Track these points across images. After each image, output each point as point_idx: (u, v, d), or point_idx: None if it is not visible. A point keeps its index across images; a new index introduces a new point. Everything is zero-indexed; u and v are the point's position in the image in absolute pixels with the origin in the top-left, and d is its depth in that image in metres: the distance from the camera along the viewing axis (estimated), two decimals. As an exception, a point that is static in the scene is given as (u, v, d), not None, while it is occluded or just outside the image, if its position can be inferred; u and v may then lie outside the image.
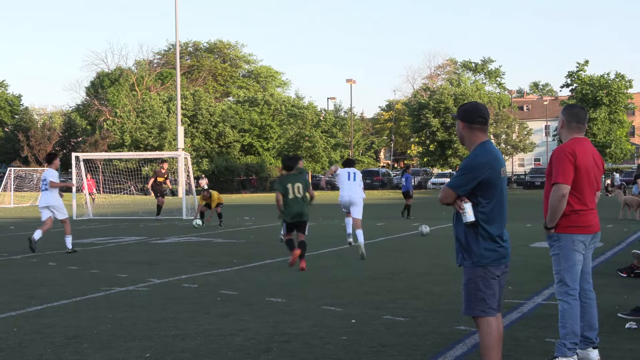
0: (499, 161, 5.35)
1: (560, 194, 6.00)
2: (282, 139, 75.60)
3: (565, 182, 6.00)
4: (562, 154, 6.08)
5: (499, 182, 5.33)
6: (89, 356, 6.65)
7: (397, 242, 17.50)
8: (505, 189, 5.47)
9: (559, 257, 6.13)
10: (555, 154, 6.14)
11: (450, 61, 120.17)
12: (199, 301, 9.39)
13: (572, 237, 6.08)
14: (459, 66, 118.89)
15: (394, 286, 10.49)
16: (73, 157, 31.02)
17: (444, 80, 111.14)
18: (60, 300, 9.60)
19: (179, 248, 16.87)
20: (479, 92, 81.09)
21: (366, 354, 6.60)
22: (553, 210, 6.05)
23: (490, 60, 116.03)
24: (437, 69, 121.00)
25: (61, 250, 16.21)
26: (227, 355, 6.64)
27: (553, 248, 6.19)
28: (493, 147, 5.42)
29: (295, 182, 12.82)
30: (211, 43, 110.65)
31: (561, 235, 6.10)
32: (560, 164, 6.05)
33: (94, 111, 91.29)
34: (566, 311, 6.03)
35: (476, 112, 5.44)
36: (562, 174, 6.01)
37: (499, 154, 5.42)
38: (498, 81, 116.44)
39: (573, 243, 6.08)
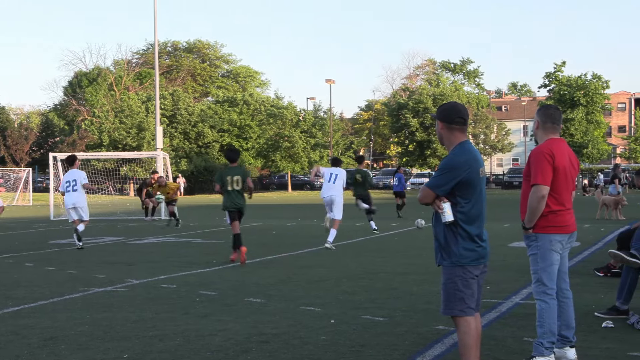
0: (477, 161, 5.37)
1: (540, 195, 6.04)
2: (261, 139, 75.45)
3: (544, 183, 6.03)
4: (541, 155, 6.11)
5: (477, 182, 5.35)
6: (66, 357, 6.61)
7: (376, 242, 17.53)
8: (484, 189, 5.50)
9: (537, 257, 6.17)
10: (533, 155, 6.17)
11: (429, 61, 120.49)
12: (177, 301, 9.36)
13: (549, 237, 6.12)
14: (437, 66, 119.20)
15: (373, 286, 10.50)
16: (51, 157, 30.82)
17: (423, 81, 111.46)
18: (37, 301, 9.53)
19: (157, 248, 16.80)
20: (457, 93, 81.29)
21: (345, 353, 6.61)
22: (532, 210, 6.09)
23: (469, 61, 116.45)
24: (416, 69, 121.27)
25: (39, 251, 16.10)
26: (205, 355, 6.62)
27: (531, 248, 6.22)
28: (472, 147, 5.44)
29: (234, 175, 13.60)
30: (190, 43, 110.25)
31: (539, 235, 6.14)
32: (538, 165, 6.08)
33: (71, 111, 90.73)
34: (544, 310, 6.07)
35: (455, 112, 5.46)
36: (541, 175, 6.04)
37: (477, 154, 5.45)
38: (477, 82, 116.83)
39: (551, 243, 6.11)
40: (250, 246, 16.71)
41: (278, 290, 10.19)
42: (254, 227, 23.20)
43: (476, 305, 5.39)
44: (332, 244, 15.61)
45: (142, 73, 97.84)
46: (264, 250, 15.80)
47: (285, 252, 15.25)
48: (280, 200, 51.36)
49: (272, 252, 15.23)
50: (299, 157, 70.32)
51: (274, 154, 70.77)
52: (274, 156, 70.76)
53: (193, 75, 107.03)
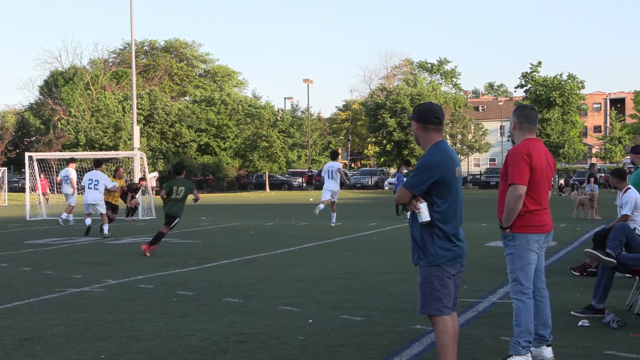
0: (453, 161, 5.43)
1: (517, 195, 6.07)
2: (239, 138, 75.27)
3: (521, 182, 6.07)
4: (518, 155, 6.15)
5: (454, 182, 5.40)
6: (42, 358, 6.56)
7: (354, 242, 17.54)
8: (461, 188, 5.54)
9: (514, 257, 6.20)
10: (511, 155, 6.20)
11: (407, 61, 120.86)
12: (155, 302, 9.32)
13: (526, 236, 6.15)
14: (415, 66, 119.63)
15: (351, 286, 10.51)
16: (26, 156, 30.55)
17: (400, 81, 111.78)
18: (13, 302, 9.45)
19: (134, 248, 16.70)
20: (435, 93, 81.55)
21: (323, 353, 6.61)
22: (509, 210, 6.12)
23: (447, 61, 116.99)
24: (393, 69, 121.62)
25: (14, 252, 15.97)
26: (183, 356, 6.60)
27: (508, 247, 6.25)
28: (448, 147, 5.49)
29: (179, 186, 15.15)
30: (167, 42, 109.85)
31: (516, 235, 6.17)
32: (516, 165, 6.11)
33: (47, 110, 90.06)
34: (521, 310, 6.10)
35: (430, 112, 5.52)
36: (518, 175, 6.08)
37: (453, 153, 5.50)
38: (454, 82, 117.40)
39: (528, 242, 6.15)
40: (228, 246, 16.69)
41: (256, 290, 10.17)
42: (231, 226, 23.14)
43: (453, 304, 5.44)
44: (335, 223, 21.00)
45: (118, 72, 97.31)
46: (241, 250, 15.77)
47: (263, 252, 15.23)
48: (258, 200, 51.27)
49: (250, 252, 15.20)
50: (276, 157, 70.23)
51: (251, 154, 70.62)
52: (251, 156, 70.62)
53: (170, 75, 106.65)
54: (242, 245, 16.86)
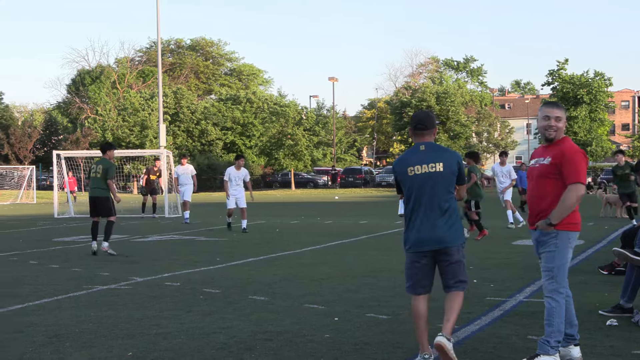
0: (405, 160, 6.21)
1: (581, 194, 6.03)
2: (264, 137, 75.46)
3: (584, 182, 6.08)
4: (579, 153, 6.12)
5: (406, 180, 6.18)
6: (70, 355, 6.62)
7: (380, 240, 17.50)
8: (423, 185, 6.09)
9: (554, 254, 6.09)
10: (573, 153, 6.10)
11: (433, 59, 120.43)
12: (181, 299, 9.36)
13: (569, 234, 6.09)
14: (441, 64, 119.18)
15: (377, 284, 10.50)
16: (54, 155, 30.83)
17: (426, 79, 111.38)
18: (42, 299, 9.54)
19: (161, 246, 16.81)
20: (460, 91, 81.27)
21: (349, 351, 6.61)
22: (567, 208, 6.01)
23: (473, 59, 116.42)
24: (419, 67, 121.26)
25: (43, 249, 16.13)
26: (209, 353, 6.62)
27: (548, 245, 6.12)
28: (411, 149, 6.28)
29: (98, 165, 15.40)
30: (194, 40, 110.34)
31: (560, 232, 6.07)
32: (579, 163, 6.06)
33: (75, 109, 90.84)
34: (554, 309, 6.02)
35: (412, 120, 6.39)
36: (583, 174, 6.07)
37: (412, 155, 6.20)
38: (480, 80, 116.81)
39: (569, 240, 6.09)
40: (254, 244, 16.73)
41: (282, 288, 10.19)
42: (257, 225, 23.21)
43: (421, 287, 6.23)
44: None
45: (145, 71, 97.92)
46: (267, 248, 15.80)
47: (288, 250, 15.25)
48: (284, 198, 51.37)
49: (276, 250, 15.23)
50: (302, 155, 70.31)
51: (277, 152, 70.78)
52: (277, 154, 70.78)
53: (196, 73, 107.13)
54: (268, 243, 16.89)
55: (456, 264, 6.14)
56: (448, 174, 6.12)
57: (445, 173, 6.10)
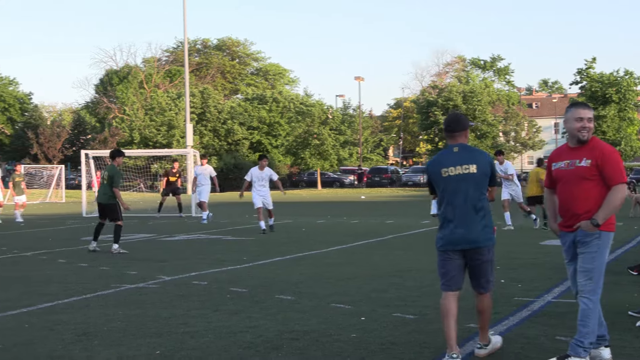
0: (440, 163, 6.35)
1: (624, 194, 6.04)
2: (290, 136, 75.54)
3: (625, 181, 6.06)
4: (616, 153, 6.12)
5: (441, 181, 6.32)
6: (99, 353, 6.67)
7: (406, 240, 17.46)
8: (458, 186, 6.22)
9: (595, 255, 6.02)
10: (613, 154, 6.07)
11: (459, 59, 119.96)
12: (208, 298, 9.41)
13: (609, 235, 6.06)
14: (467, 63, 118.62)
15: (403, 284, 10.48)
16: (82, 154, 31.09)
17: (452, 78, 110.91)
18: (71, 297, 9.63)
19: (188, 245, 16.90)
20: (487, 90, 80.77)
21: (375, 351, 6.60)
22: (614, 209, 5.99)
23: (500, 58, 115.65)
24: (445, 66, 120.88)
25: (71, 248, 16.26)
26: (236, 352, 6.65)
27: (590, 246, 6.02)
28: (443, 151, 6.45)
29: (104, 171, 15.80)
30: (220, 40, 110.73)
31: (602, 233, 6.01)
32: (619, 163, 6.05)
33: (103, 109, 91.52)
34: (590, 310, 5.93)
35: (444, 123, 6.60)
36: (624, 174, 6.09)
37: (445, 156, 6.36)
38: (507, 79, 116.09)
39: (609, 241, 6.08)
40: (280, 244, 16.76)
41: (308, 288, 10.20)
42: (284, 224, 23.24)
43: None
44: None
45: (172, 71, 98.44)
46: (294, 247, 15.82)
47: (315, 250, 15.27)
48: (310, 198, 51.42)
49: (302, 250, 15.25)
50: (328, 154, 70.30)
51: (303, 152, 70.82)
52: (303, 153, 70.82)
53: (223, 73, 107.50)
54: (294, 243, 16.91)
55: (486, 263, 6.30)
56: (481, 176, 6.26)
57: (478, 175, 6.25)
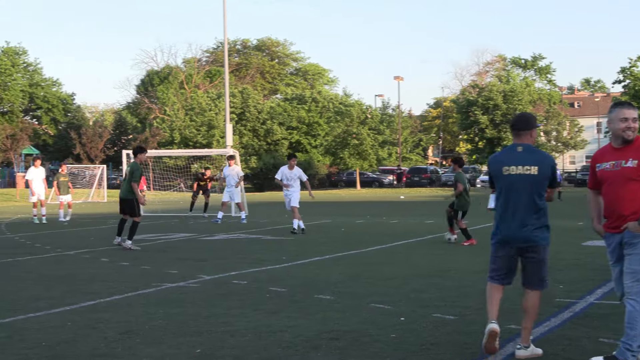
0: (500, 161, 6.51)
1: None
2: (329, 136, 75.59)
3: None
4: None
5: (501, 178, 6.48)
6: (141, 351, 6.74)
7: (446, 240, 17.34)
8: (517, 184, 6.36)
9: None
10: None
11: (500, 58, 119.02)
12: (248, 298, 9.45)
13: None
14: (508, 63, 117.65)
15: (443, 284, 10.43)
16: (124, 154, 31.41)
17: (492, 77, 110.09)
18: (113, 296, 9.74)
19: (228, 245, 16.99)
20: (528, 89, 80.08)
21: (416, 352, 6.58)
22: None
23: (541, 57, 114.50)
24: (485, 65, 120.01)
25: (113, 247, 16.45)
26: (276, 351, 6.67)
27: (637, 247, 5.94)
28: (505, 149, 6.60)
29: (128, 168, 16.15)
30: (260, 41, 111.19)
31: None
32: None
33: (144, 109, 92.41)
34: (638, 312, 5.77)
35: (511, 121, 6.75)
36: None
37: (505, 154, 6.53)
38: (548, 78, 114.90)
39: None
40: (319, 243, 16.78)
41: (347, 287, 10.20)
42: (323, 224, 23.26)
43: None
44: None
45: (211, 71, 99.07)
46: (333, 247, 15.83)
47: (354, 250, 15.26)
48: (349, 198, 51.39)
49: (341, 249, 15.25)
50: (367, 154, 70.21)
51: (342, 151, 70.81)
52: (342, 153, 70.82)
53: (262, 73, 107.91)
54: (334, 243, 16.92)
55: (540, 262, 6.40)
56: (541, 178, 6.37)
57: (539, 176, 6.36)
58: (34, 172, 25.84)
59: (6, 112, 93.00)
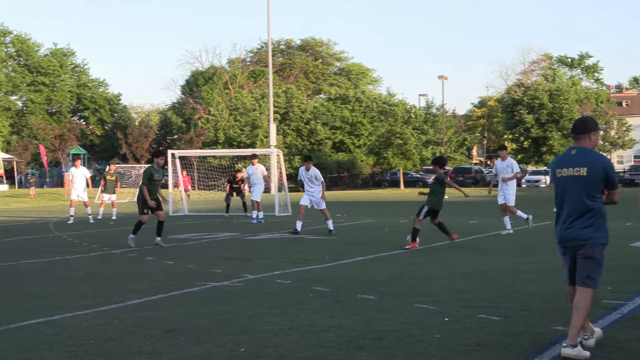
0: (558, 163, 6.74)
1: None
2: (373, 136, 75.42)
3: None
4: None
5: (555, 180, 6.75)
6: (185, 349, 6.80)
7: (490, 241, 17.23)
8: (571, 185, 6.56)
9: None
10: None
11: (546, 56, 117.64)
12: (291, 297, 9.48)
13: None
14: (554, 61, 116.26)
15: (488, 285, 10.35)
16: (169, 154, 31.70)
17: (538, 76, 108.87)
18: (158, 294, 9.84)
19: (271, 244, 17.06)
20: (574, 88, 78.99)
21: (460, 352, 6.54)
22: None
23: (588, 55, 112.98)
24: (531, 64, 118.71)
25: (157, 246, 16.61)
26: (319, 351, 6.68)
27: None
28: (563, 153, 6.79)
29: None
30: (303, 41, 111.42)
31: None
32: None
33: (188, 109, 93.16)
34: None
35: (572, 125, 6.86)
36: None
37: (564, 157, 6.71)
38: (595, 76, 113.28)
39: None
40: (363, 243, 16.75)
41: (391, 287, 10.18)
42: (366, 224, 23.23)
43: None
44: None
45: (255, 71, 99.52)
46: (376, 247, 15.79)
47: (397, 250, 15.21)
48: (392, 198, 51.22)
49: (385, 249, 15.22)
50: (411, 154, 69.88)
51: (385, 151, 70.58)
52: (385, 153, 70.58)
53: (306, 73, 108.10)
54: (377, 243, 16.89)
55: (590, 260, 6.49)
56: (592, 178, 6.50)
57: (588, 177, 6.50)
58: (74, 172, 26.29)
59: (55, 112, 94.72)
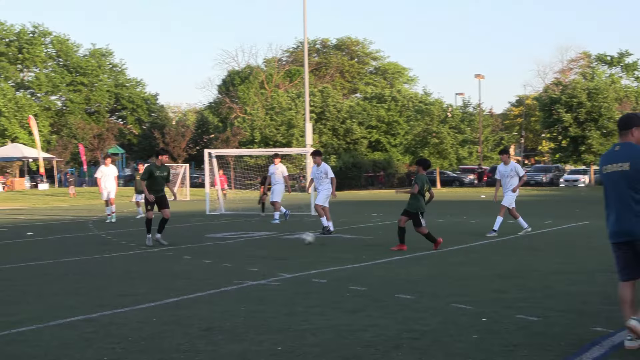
0: (602, 160, 6.78)
1: None
2: (409, 135, 75.17)
3: None
4: None
5: (602, 177, 6.81)
6: (223, 348, 6.85)
7: (528, 240, 17.08)
8: (616, 183, 6.57)
9: None
10: None
11: (584, 55, 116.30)
12: (328, 296, 9.49)
13: None
14: (593, 59, 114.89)
15: (526, 285, 10.27)
16: (206, 153, 31.91)
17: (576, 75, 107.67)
18: (195, 293, 9.91)
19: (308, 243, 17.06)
20: (614, 86, 77.99)
21: (498, 353, 6.50)
22: None
23: (628, 53, 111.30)
24: (569, 62, 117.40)
25: (195, 244, 16.74)
26: (356, 350, 6.68)
27: None
28: (608, 150, 6.78)
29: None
30: (339, 40, 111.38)
31: None
32: None
33: (225, 109, 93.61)
34: None
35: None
36: None
37: (608, 154, 6.72)
38: (636, 75, 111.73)
39: None
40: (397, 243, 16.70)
41: (428, 287, 10.14)
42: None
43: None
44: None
45: (291, 71, 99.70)
46: (413, 246, 15.74)
47: (434, 249, 15.14)
48: (429, 197, 50.98)
49: (422, 249, 15.16)
50: (447, 153, 69.56)
51: (422, 150, 70.31)
52: (422, 152, 70.29)
53: (342, 72, 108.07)
54: (413, 242, 16.82)
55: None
56: (635, 172, 6.49)
57: (631, 172, 6.51)
58: (104, 170, 26.46)
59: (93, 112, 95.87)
